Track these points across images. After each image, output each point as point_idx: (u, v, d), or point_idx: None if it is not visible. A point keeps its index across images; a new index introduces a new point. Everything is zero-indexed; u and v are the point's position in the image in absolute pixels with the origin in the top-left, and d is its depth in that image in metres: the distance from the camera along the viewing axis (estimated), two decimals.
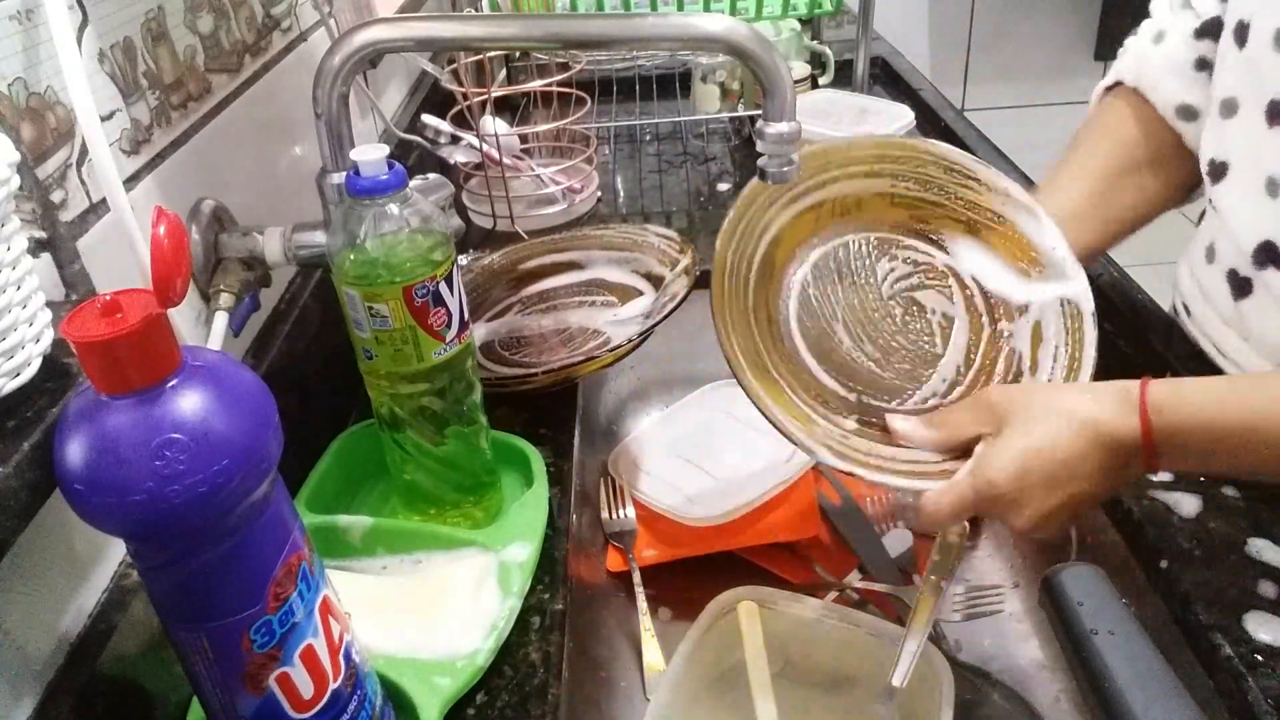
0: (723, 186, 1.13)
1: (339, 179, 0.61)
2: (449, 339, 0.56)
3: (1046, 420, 0.52)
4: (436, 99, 1.19)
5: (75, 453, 0.33)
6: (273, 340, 0.67)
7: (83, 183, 0.48)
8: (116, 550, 0.48)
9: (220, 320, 0.58)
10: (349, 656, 0.43)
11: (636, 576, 0.75)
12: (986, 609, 0.71)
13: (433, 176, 0.69)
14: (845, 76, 1.34)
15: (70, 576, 0.44)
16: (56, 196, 0.46)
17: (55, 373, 0.40)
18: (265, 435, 0.36)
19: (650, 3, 1.27)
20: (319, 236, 0.62)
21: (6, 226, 0.37)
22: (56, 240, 0.45)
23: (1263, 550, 0.56)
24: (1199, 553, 0.56)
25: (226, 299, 0.59)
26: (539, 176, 1.05)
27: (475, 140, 0.99)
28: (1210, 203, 0.66)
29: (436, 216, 0.55)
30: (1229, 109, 0.62)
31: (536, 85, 1.12)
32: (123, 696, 0.45)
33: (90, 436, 0.33)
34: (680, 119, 1.31)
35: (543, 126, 1.08)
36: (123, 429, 0.33)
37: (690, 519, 0.75)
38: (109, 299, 0.33)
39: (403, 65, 1.16)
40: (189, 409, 0.34)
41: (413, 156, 1.03)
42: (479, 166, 1.00)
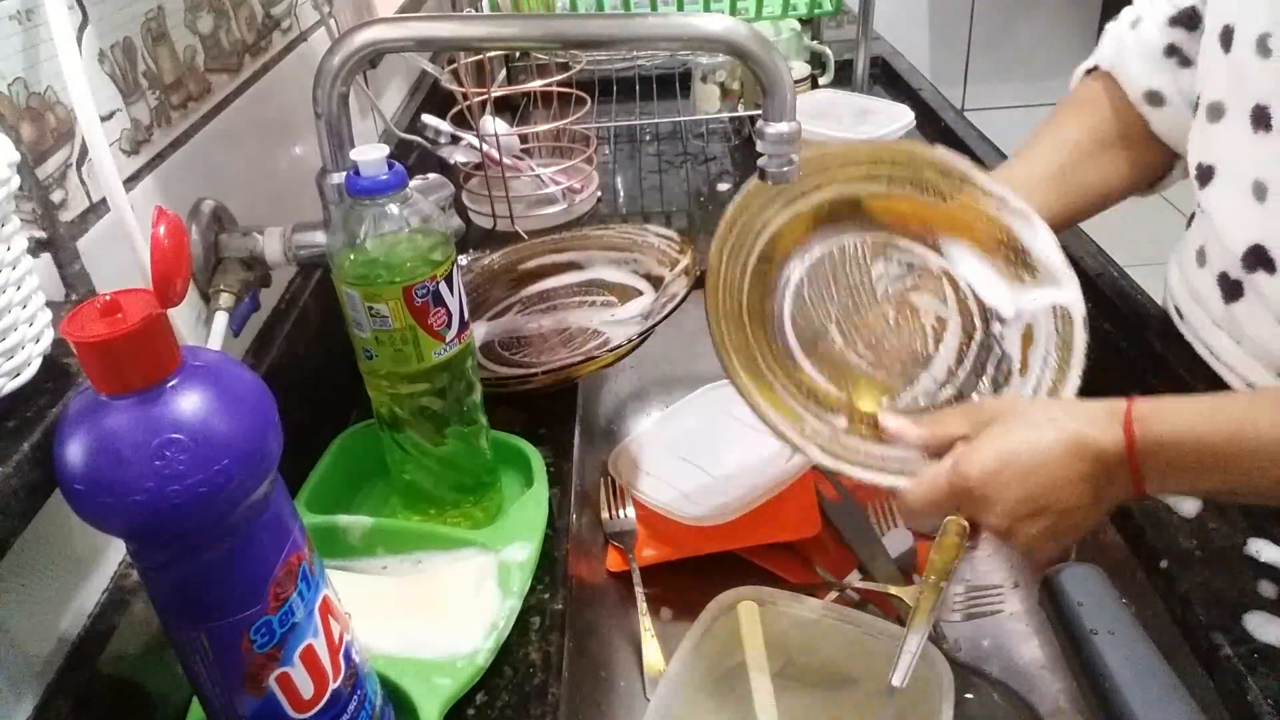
0: (723, 186, 1.13)
1: (339, 179, 0.61)
2: (449, 339, 0.56)
3: (1029, 424, 0.52)
4: (436, 99, 1.19)
5: (75, 453, 0.33)
6: (273, 340, 0.67)
7: (83, 183, 0.48)
8: (116, 550, 0.48)
9: (220, 320, 0.58)
10: (349, 656, 0.43)
11: (636, 576, 0.75)
12: (986, 609, 0.71)
13: (433, 176, 0.69)
14: (845, 76, 1.34)
15: (70, 576, 0.44)
16: (56, 196, 0.46)
17: (55, 373, 0.40)
18: (265, 435, 0.36)
19: (650, 3, 1.27)
20: (319, 236, 0.62)
21: (6, 226, 0.37)
22: (56, 240, 0.45)
23: (1263, 550, 0.56)
24: (1199, 553, 0.56)
25: (226, 299, 0.59)
26: (539, 176, 1.05)
27: (475, 140, 0.99)
28: (1199, 206, 0.66)
29: (436, 216, 0.55)
30: (1215, 113, 0.62)
31: (536, 85, 1.12)
32: (123, 696, 0.45)
33: (90, 436, 0.33)
34: (680, 119, 1.31)
35: (543, 126, 1.08)
36: (123, 429, 0.33)
37: (690, 519, 0.75)
38: (109, 299, 0.33)
39: (403, 65, 1.16)
40: (189, 409, 0.34)
41: (413, 156, 1.03)
42: (479, 166, 1.00)
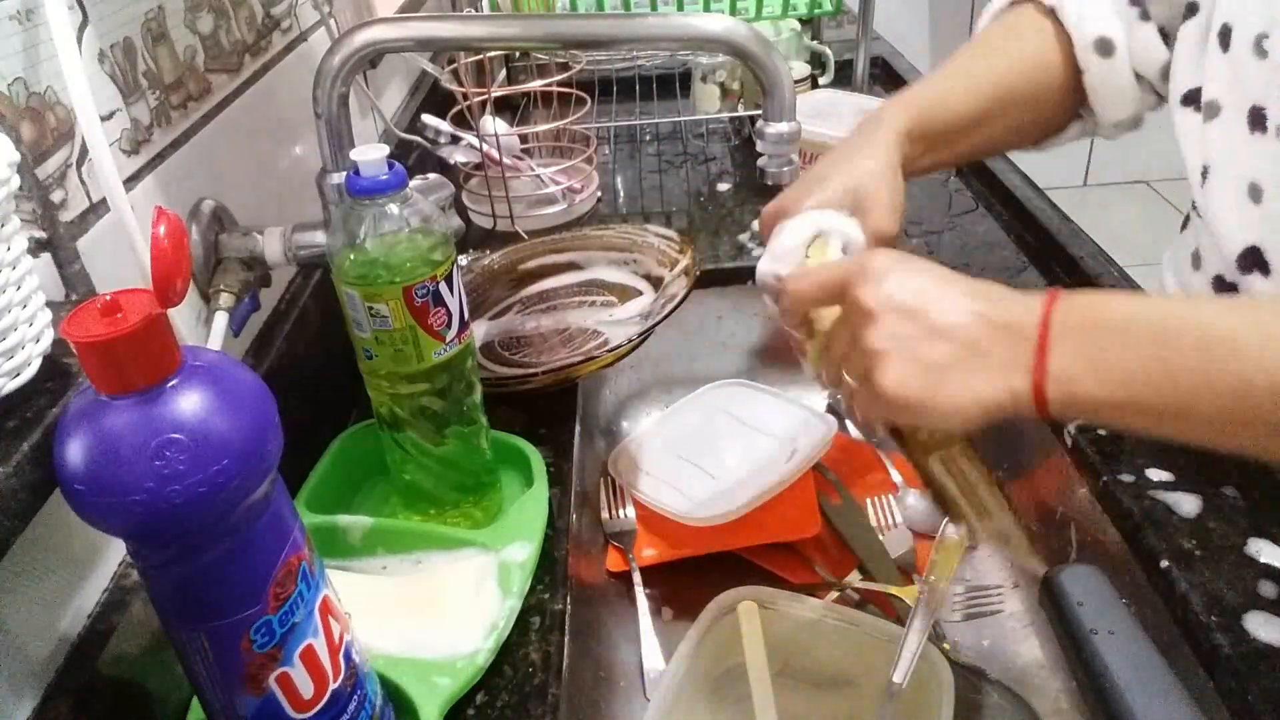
0: (723, 186, 1.13)
1: (339, 179, 0.61)
2: (449, 339, 0.56)
3: (936, 266, 0.48)
4: (436, 99, 1.19)
5: (75, 453, 0.33)
6: (273, 340, 0.67)
7: (83, 183, 0.48)
8: (116, 550, 0.48)
9: (220, 320, 0.58)
10: (349, 656, 0.43)
11: (636, 576, 0.75)
12: (986, 609, 0.71)
13: (433, 176, 0.69)
14: (845, 76, 1.33)
15: (70, 576, 0.44)
16: (56, 196, 0.46)
17: (55, 373, 0.40)
18: (265, 435, 0.36)
19: (650, 3, 1.27)
20: (319, 236, 0.62)
21: (6, 226, 0.37)
22: (56, 240, 0.45)
23: (1263, 550, 0.56)
24: (1199, 553, 0.56)
25: (226, 299, 0.59)
26: (539, 176, 1.05)
27: (475, 140, 0.99)
28: (1194, 207, 0.66)
29: (436, 216, 0.55)
30: (1212, 112, 0.62)
31: (536, 85, 1.12)
32: (123, 696, 0.45)
33: (90, 436, 0.33)
34: (680, 119, 1.31)
35: (543, 126, 1.08)
36: (123, 429, 0.33)
37: (690, 519, 0.75)
38: (109, 299, 0.33)
39: (403, 65, 1.16)
40: (189, 409, 0.34)
41: (413, 156, 1.03)
42: (479, 166, 1.00)
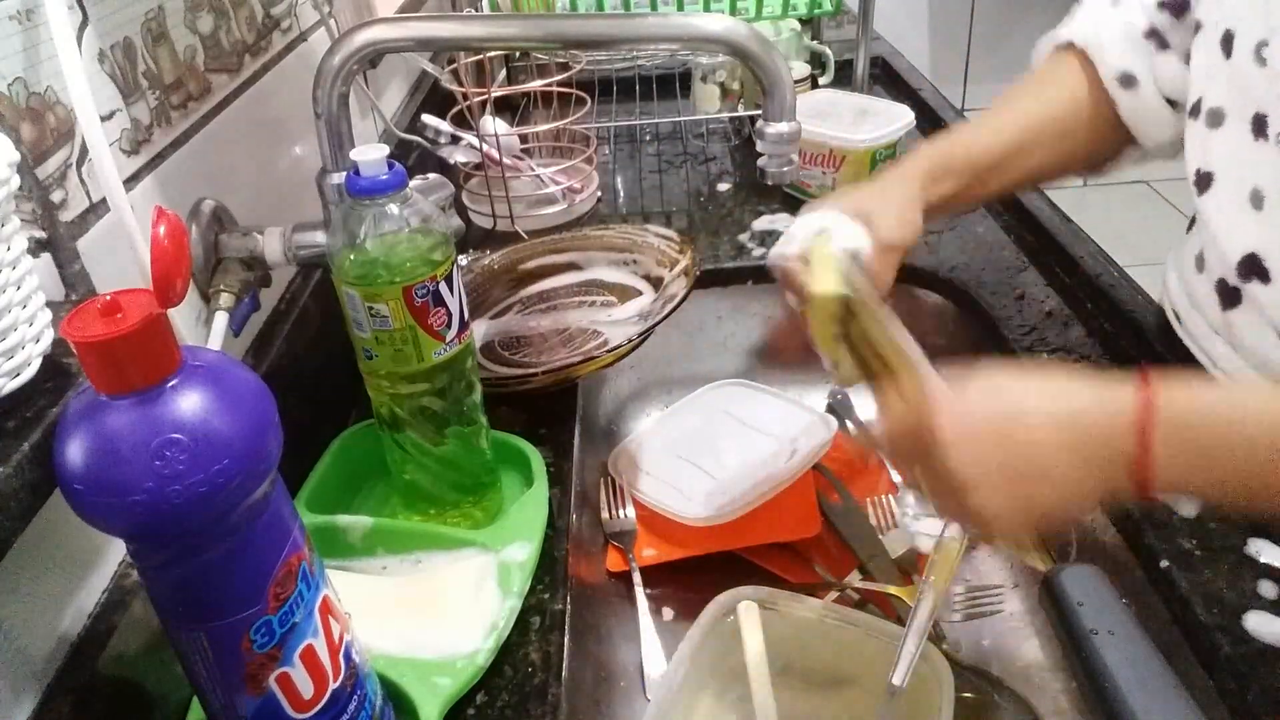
0: (723, 186, 1.13)
1: (339, 179, 0.61)
2: (449, 339, 0.56)
3: (1021, 380, 0.47)
4: (436, 99, 1.19)
5: (75, 453, 0.33)
6: (273, 340, 0.67)
7: (83, 183, 0.48)
8: (116, 550, 0.48)
9: (220, 320, 0.58)
10: (349, 656, 0.43)
11: (636, 576, 0.75)
12: (986, 609, 0.71)
13: (433, 176, 0.69)
14: (845, 76, 1.33)
15: (70, 576, 0.44)
16: (56, 196, 0.46)
17: (55, 373, 0.40)
18: (265, 435, 0.36)
19: (650, 3, 1.27)
20: (319, 236, 0.62)
21: (6, 226, 0.37)
22: (56, 240, 0.45)
23: (1262, 550, 0.56)
24: (1199, 553, 0.56)
25: (226, 299, 0.59)
26: (539, 176, 1.05)
27: (475, 140, 0.99)
28: (1197, 212, 0.66)
29: (436, 216, 0.55)
30: (1215, 119, 0.62)
31: (536, 85, 1.12)
32: (123, 696, 0.45)
33: (90, 436, 0.33)
34: (680, 119, 1.31)
35: (543, 126, 1.08)
36: (123, 429, 0.33)
37: (690, 519, 0.75)
38: (109, 299, 0.33)
39: (403, 65, 1.16)
40: (189, 409, 0.34)
41: (413, 156, 1.03)
42: (479, 166, 1.00)
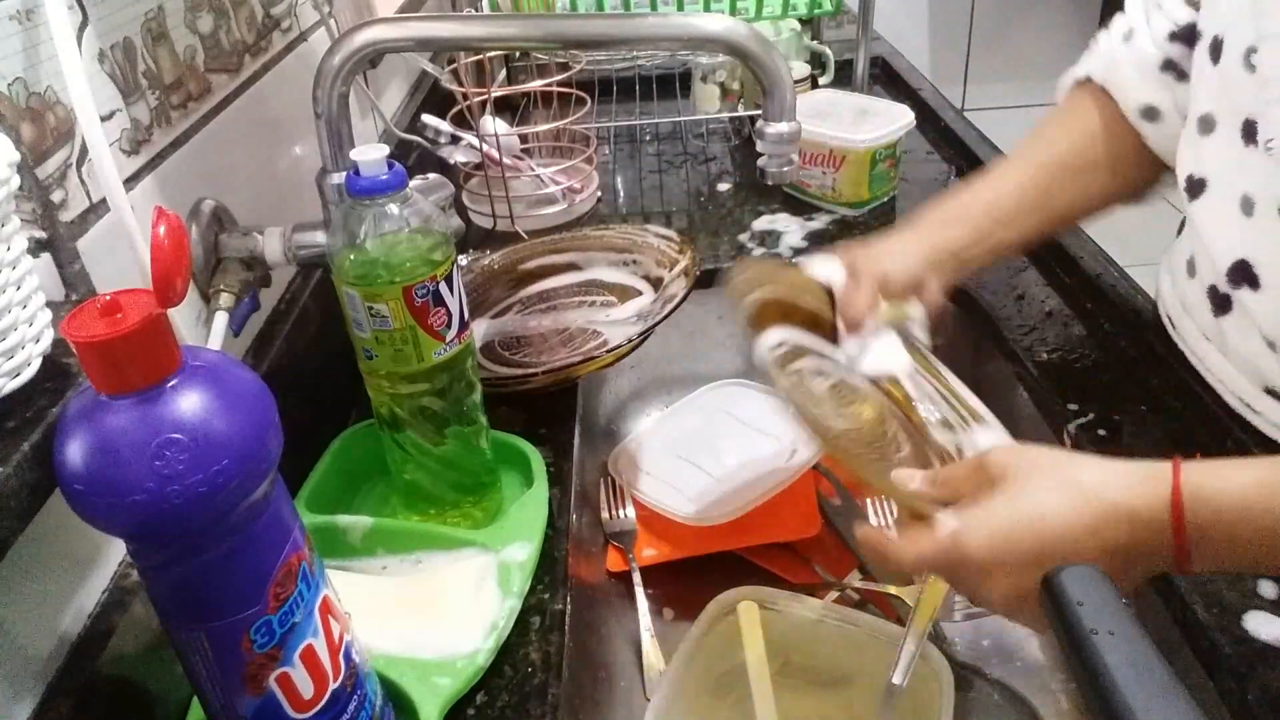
0: (723, 186, 1.13)
1: (339, 179, 0.61)
2: (449, 339, 0.56)
3: (1043, 489, 0.45)
4: (436, 99, 1.19)
5: (75, 453, 0.33)
6: (273, 340, 0.67)
7: (83, 183, 0.48)
8: (116, 550, 0.48)
9: (220, 320, 0.58)
10: (349, 656, 0.43)
11: (636, 576, 0.75)
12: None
13: (433, 176, 0.69)
14: (845, 76, 1.33)
15: (70, 576, 0.44)
16: (56, 196, 0.46)
17: (55, 373, 0.40)
18: (265, 435, 0.36)
19: (650, 3, 1.27)
20: (319, 236, 0.62)
21: (6, 226, 0.37)
22: (56, 240, 0.45)
23: None
24: None
25: (226, 299, 0.59)
26: (539, 176, 1.05)
27: (475, 140, 0.99)
28: (1188, 218, 0.66)
29: (436, 216, 0.55)
30: (1206, 125, 0.61)
31: (536, 85, 1.12)
32: (123, 696, 0.45)
33: (90, 436, 0.33)
34: (680, 119, 1.31)
35: (543, 126, 1.08)
36: (123, 429, 0.33)
37: (690, 519, 0.75)
38: (109, 299, 0.33)
39: (403, 65, 1.16)
40: (189, 409, 0.34)
41: (413, 156, 1.03)
42: (479, 166, 1.00)
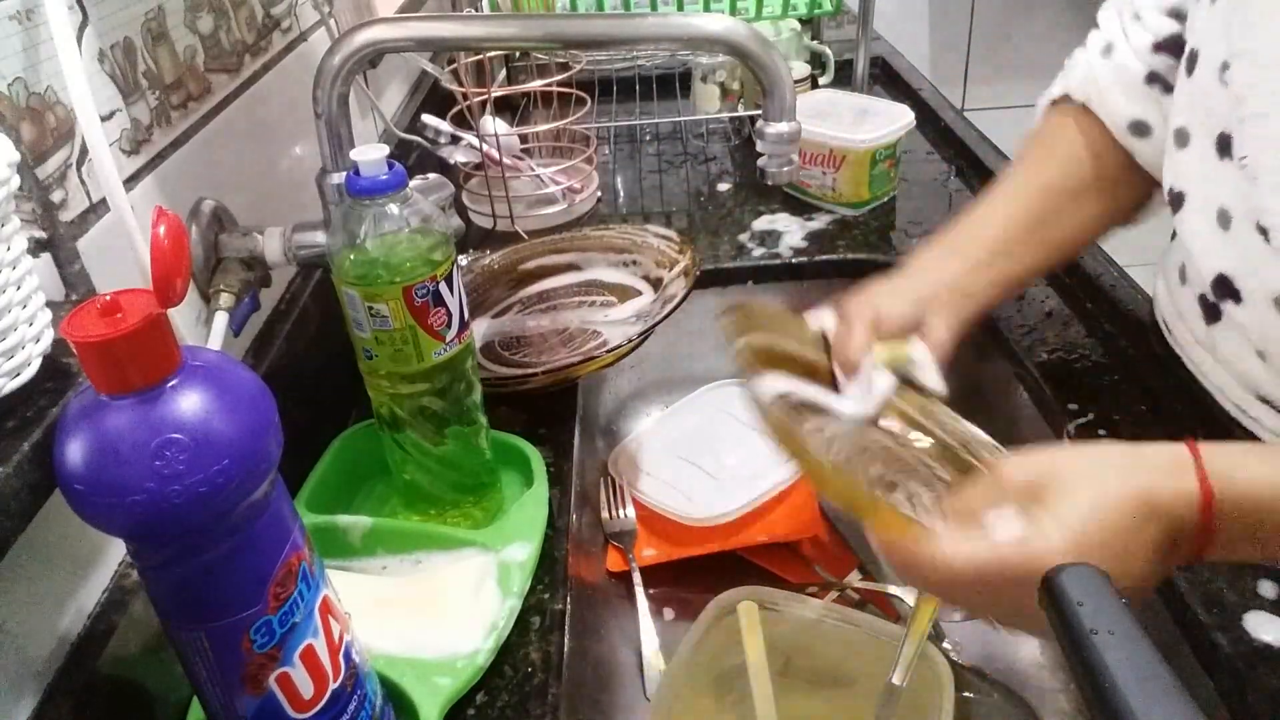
0: (723, 186, 1.13)
1: (339, 179, 0.61)
2: (449, 339, 0.56)
3: (1092, 484, 0.43)
4: (436, 99, 1.19)
5: (75, 453, 0.33)
6: (273, 340, 0.67)
7: (83, 183, 0.48)
8: (116, 550, 0.48)
9: (220, 320, 0.58)
10: (349, 656, 0.43)
11: (636, 576, 0.75)
12: None
13: (433, 176, 0.69)
14: (845, 76, 1.33)
15: (70, 576, 0.44)
16: (56, 196, 0.46)
17: (55, 373, 0.40)
18: (265, 435, 0.36)
19: (650, 3, 1.27)
20: (319, 236, 0.62)
21: (6, 226, 0.37)
22: (56, 240, 0.45)
23: None
24: None
25: (226, 299, 0.59)
26: (539, 176, 1.05)
27: (475, 140, 0.99)
28: (1175, 229, 0.65)
29: (436, 216, 0.55)
30: (1182, 139, 0.60)
31: (536, 85, 1.12)
32: (123, 696, 0.45)
33: (90, 436, 0.33)
34: (680, 119, 1.31)
35: (543, 126, 1.08)
36: (123, 429, 0.33)
37: (690, 519, 0.75)
38: (109, 299, 0.33)
39: (403, 65, 1.16)
40: (189, 409, 0.34)
41: (413, 156, 1.03)
42: (479, 166, 1.00)
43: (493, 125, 1.01)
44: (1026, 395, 0.76)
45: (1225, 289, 0.57)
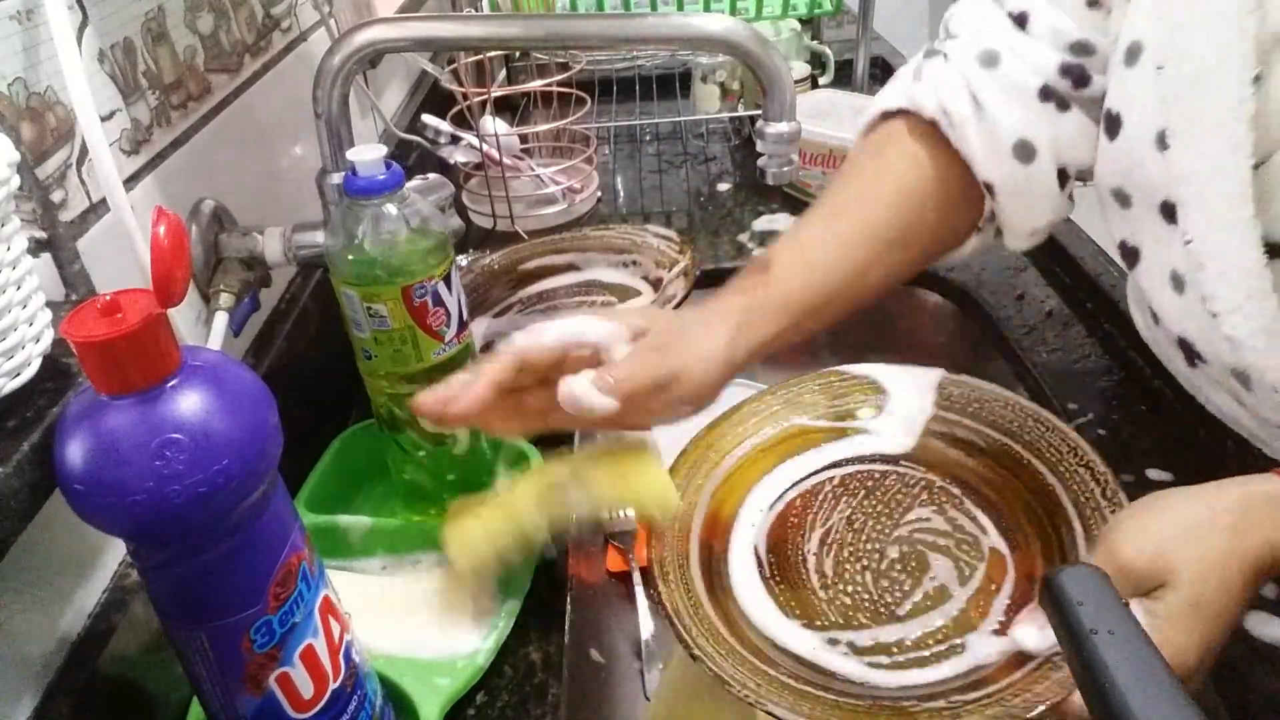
0: (723, 186, 1.13)
1: (339, 179, 0.61)
2: (448, 339, 0.56)
3: (1217, 576, 0.42)
4: (436, 99, 1.19)
5: (75, 453, 0.33)
6: (273, 340, 0.67)
7: (83, 183, 0.48)
8: (116, 550, 0.48)
9: (220, 320, 0.58)
10: (349, 656, 0.43)
11: (636, 576, 0.75)
12: None
13: (432, 176, 0.69)
14: (845, 76, 1.34)
15: (70, 576, 0.44)
16: (56, 196, 0.46)
17: (55, 373, 0.40)
18: (265, 435, 0.36)
19: (650, 3, 1.27)
20: (319, 236, 0.62)
21: (6, 226, 0.37)
22: (56, 240, 0.46)
23: None
24: None
25: (226, 299, 0.59)
26: (539, 176, 1.05)
27: (475, 140, 0.99)
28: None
29: (435, 216, 0.55)
30: (1123, 199, 0.55)
31: (536, 85, 1.12)
32: (123, 696, 0.45)
33: (90, 436, 0.33)
34: (680, 119, 1.31)
35: (543, 126, 1.08)
36: (123, 429, 0.33)
37: None
38: (109, 299, 0.33)
39: (403, 65, 1.16)
40: (189, 409, 0.34)
41: (413, 156, 1.03)
42: (479, 166, 1.00)
43: (493, 125, 1.01)
44: (1026, 395, 0.76)
45: (1188, 352, 0.54)
